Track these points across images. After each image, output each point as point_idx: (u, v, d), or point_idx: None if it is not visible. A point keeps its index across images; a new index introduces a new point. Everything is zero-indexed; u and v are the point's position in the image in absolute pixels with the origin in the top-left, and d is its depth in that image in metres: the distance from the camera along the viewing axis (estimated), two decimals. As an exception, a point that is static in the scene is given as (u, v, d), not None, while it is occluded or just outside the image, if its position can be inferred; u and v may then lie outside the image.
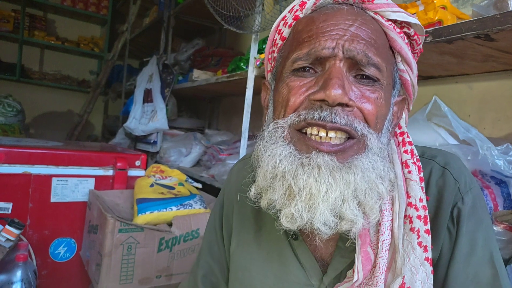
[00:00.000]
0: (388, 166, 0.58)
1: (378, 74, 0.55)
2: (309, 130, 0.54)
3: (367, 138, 0.54)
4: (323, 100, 0.52)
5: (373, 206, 0.54)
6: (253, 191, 0.59)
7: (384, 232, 0.57)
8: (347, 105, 0.52)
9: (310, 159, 0.52)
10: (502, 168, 0.94)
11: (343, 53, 0.54)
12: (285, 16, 0.63)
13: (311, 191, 0.51)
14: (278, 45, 0.64)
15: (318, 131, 0.53)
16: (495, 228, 0.84)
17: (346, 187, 0.51)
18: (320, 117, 0.52)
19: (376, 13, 0.58)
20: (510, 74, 1.21)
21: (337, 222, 0.52)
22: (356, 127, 0.53)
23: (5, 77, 4.35)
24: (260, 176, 0.57)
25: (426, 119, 1.09)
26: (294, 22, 0.62)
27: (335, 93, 0.51)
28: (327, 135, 0.53)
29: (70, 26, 4.91)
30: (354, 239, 0.56)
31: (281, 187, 0.54)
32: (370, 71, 0.55)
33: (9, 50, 4.42)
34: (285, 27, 0.63)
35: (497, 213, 0.89)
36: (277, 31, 0.65)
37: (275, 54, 0.65)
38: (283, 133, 0.56)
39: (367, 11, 0.58)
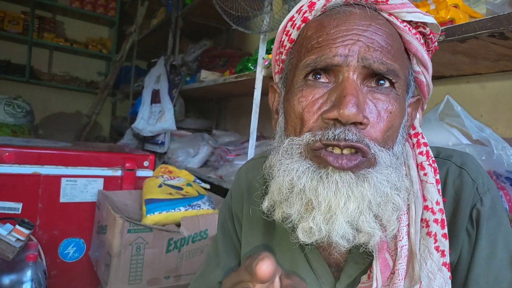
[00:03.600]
0: (403, 175, 0.56)
1: (395, 83, 0.53)
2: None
3: (378, 156, 0.52)
4: (336, 119, 0.50)
5: (389, 218, 0.52)
6: (266, 204, 0.57)
7: (402, 237, 0.55)
8: (360, 123, 0.50)
9: (328, 174, 0.51)
10: (518, 169, 0.92)
11: (357, 61, 0.51)
12: (293, 16, 0.60)
13: (330, 204, 0.50)
14: (286, 47, 0.62)
15: (333, 148, 0.52)
16: (510, 230, 0.83)
17: (362, 200, 0.50)
18: (334, 136, 0.50)
19: (390, 14, 0.55)
20: (524, 73, 1.19)
21: (355, 235, 0.51)
22: (368, 144, 0.51)
23: (15, 79, 4.39)
24: (274, 189, 0.55)
25: (439, 119, 1.07)
26: (304, 24, 0.59)
27: (349, 112, 0.48)
28: (341, 151, 0.51)
29: (79, 27, 4.95)
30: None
31: (299, 201, 0.52)
32: (386, 80, 0.53)
33: (19, 52, 4.47)
34: (293, 28, 0.60)
35: (512, 214, 0.87)
36: (285, 32, 0.62)
37: (283, 56, 0.63)
38: (298, 149, 0.54)
39: (381, 13, 0.55)
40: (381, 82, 0.53)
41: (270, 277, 0.42)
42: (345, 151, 0.51)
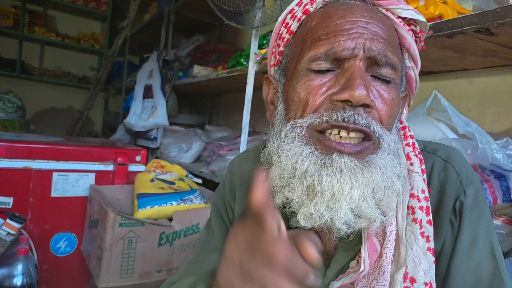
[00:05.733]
0: (401, 162, 0.58)
1: (393, 74, 0.56)
2: (329, 130, 0.54)
3: (382, 139, 0.54)
4: (346, 101, 0.52)
5: (390, 204, 0.54)
6: None
7: (392, 223, 0.57)
8: (368, 106, 0.52)
9: (332, 160, 0.51)
10: (502, 162, 0.94)
11: (364, 51, 0.53)
12: (293, 9, 0.62)
13: (334, 191, 0.51)
14: (285, 39, 0.63)
15: (339, 131, 0.53)
16: (494, 222, 0.85)
17: (366, 186, 0.51)
18: (343, 118, 0.51)
19: (387, 10, 0.58)
20: (510, 69, 1.21)
21: (356, 220, 0.52)
22: (374, 129, 0.53)
23: (5, 73, 4.34)
24: (275, 175, 0.56)
25: (426, 114, 1.09)
26: (304, 16, 0.60)
27: (360, 93, 0.50)
28: (348, 135, 0.53)
29: (70, 22, 4.90)
30: (360, 230, 0.56)
31: (300, 186, 0.53)
32: (387, 70, 0.55)
33: (9, 46, 4.42)
34: (293, 21, 0.61)
35: (496, 206, 0.89)
36: (284, 25, 0.63)
37: (281, 48, 0.64)
38: (300, 133, 0.55)
39: (379, 8, 0.58)
40: (382, 72, 0.55)
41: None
42: (352, 134, 0.52)
